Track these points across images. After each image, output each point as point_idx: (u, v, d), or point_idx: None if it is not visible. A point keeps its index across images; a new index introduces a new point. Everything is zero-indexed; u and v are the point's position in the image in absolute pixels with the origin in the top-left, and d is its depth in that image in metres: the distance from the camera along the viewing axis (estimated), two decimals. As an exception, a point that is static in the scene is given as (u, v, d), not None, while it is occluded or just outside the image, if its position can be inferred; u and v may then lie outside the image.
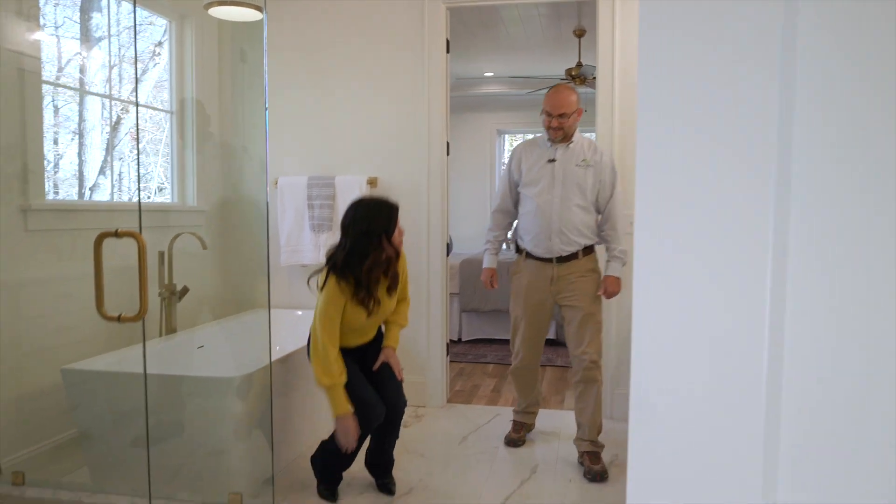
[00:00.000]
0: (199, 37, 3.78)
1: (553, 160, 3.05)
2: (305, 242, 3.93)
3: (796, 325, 0.60)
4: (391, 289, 2.69)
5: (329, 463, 2.74)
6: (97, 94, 3.46)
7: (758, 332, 0.61)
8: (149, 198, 3.93)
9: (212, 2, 3.08)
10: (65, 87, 3.31)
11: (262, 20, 3.22)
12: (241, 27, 3.81)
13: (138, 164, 3.28)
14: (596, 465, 2.99)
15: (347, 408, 2.51)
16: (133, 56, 3.44)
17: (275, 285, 4.04)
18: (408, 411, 3.47)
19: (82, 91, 3.38)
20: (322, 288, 2.58)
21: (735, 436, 0.63)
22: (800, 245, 0.60)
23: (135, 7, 3.19)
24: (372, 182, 3.89)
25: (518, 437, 3.37)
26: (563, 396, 4.28)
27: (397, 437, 2.85)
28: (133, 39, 3.47)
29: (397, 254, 2.63)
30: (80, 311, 2.93)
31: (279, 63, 3.95)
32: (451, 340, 4.97)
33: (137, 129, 3.67)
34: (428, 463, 3.13)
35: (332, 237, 3.90)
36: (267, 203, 3.50)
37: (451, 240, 5.49)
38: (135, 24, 3.57)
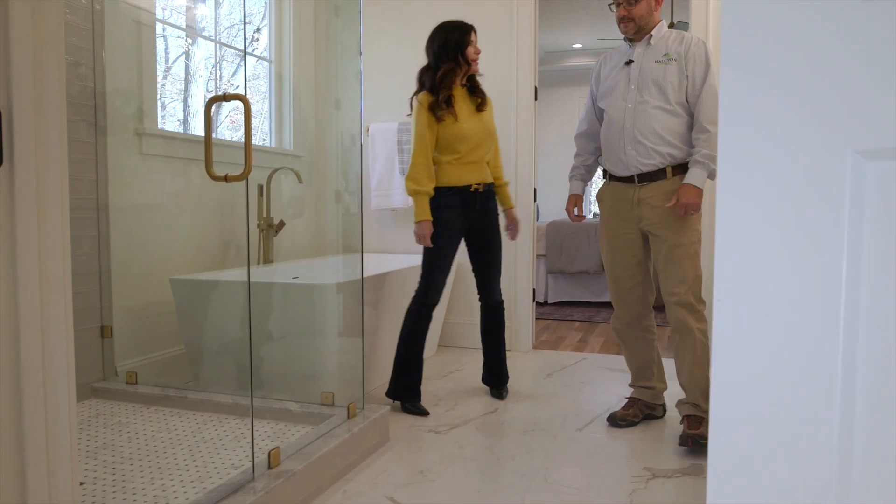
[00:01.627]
0: (296, -12, 3.95)
1: (630, 61, 2.58)
2: (395, 186, 4.02)
3: (871, 309, 0.61)
4: (481, 107, 2.84)
5: (401, 369, 2.82)
6: (206, 38, 3.67)
7: (833, 315, 0.62)
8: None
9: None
10: (174, 26, 3.53)
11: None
12: (336, -21, 3.95)
13: (244, 66, 3.42)
14: (693, 430, 2.42)
15: (426, 216, 2.73)
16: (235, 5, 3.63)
17: (364, 230, 4.15)
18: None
19: (191, 32, 3.60)
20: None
21: (810, 415, 0.63)
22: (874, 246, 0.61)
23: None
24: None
25: (624, 413, 2.71)
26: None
27: (503, 340, 3.04)
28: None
29: (469, 68, 2.81)
30: (186, 234, 3.12)
31: (371, 11, 4.07)
32: (536, 302, 4.95)
33: (245, 70, 3.87)
34: (513, 393, 3.14)
35: (421, 181, 3.97)
36: (361, 147, 3.59)
37: (538, 209, 5.47)
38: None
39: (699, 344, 2.47)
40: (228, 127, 4.03)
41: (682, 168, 2.51)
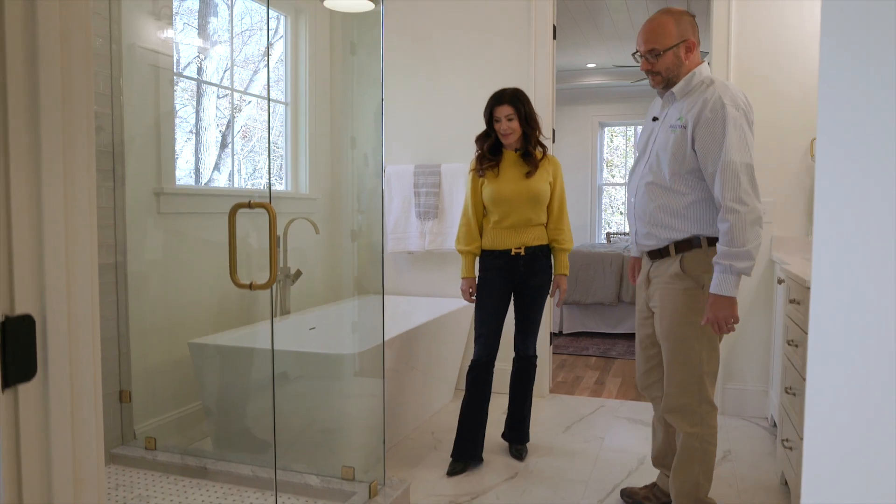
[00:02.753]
0: (312, 30, 3.92)
1: (656, 118, 2.28)
2: (412, 230, 4.00)
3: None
4: (531, 174, 2.83)
5: (463, 424, 2.89)
6: (218, 86, 3.65)
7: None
8: (256, 169, 4.15)
9: (327, -6, 3.19)
10: (199, 80, 3.51)
11: (373, 11, 3.30)
12: (352, 19, 3.92)
13: (269, 152, 3.42)
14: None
15: (468, 273, 2.93)
16: (249, 51, 3.61)
17: (380, 270, 4.13)
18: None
19: (204, 83, 3.58)
20: None
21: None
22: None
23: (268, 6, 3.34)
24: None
25: (635, 491, 2.59)
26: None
27: (530, 397, 3.07)
28: (266, 36, 3.64)
29: (494, 134, 2.86)
30: (205, 289, 3.11)
31: (386, 51, 4.04)
32: (552, 333, 4.92)
33: (269, 123, 3.85)
34: (532, 448, 3.11)
35: (438, 224, 3.95)
36: (382, 191, 3.57)
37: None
38: (268, 22, 3.74)
39: (685, 448, 2.22)
40: (241, 146, 4.02)
41: (686, 244, 2.17)
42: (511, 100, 2.80)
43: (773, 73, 3.45)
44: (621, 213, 9.01)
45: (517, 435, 3.06)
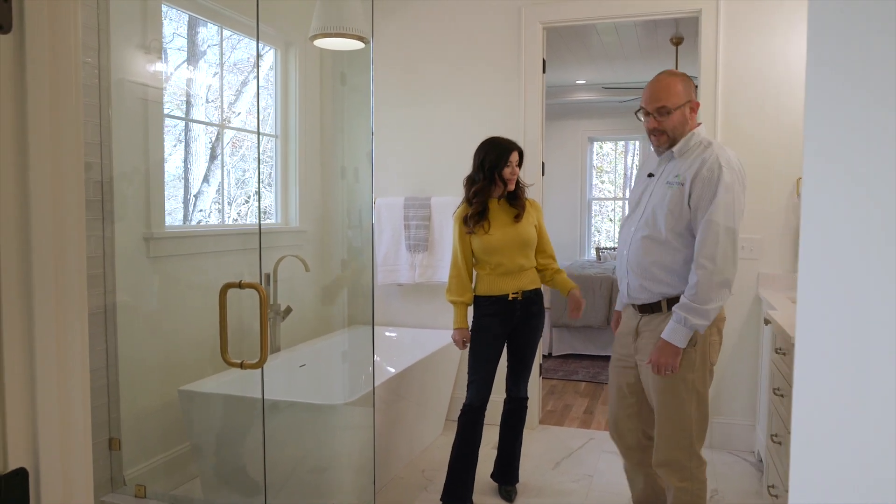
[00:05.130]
0: (302, 63, 3.92)
1: (652, 175, 2.33)
2: (402, 262, 4.01)
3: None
4: (519, 217, 2.86)
5: (453, 468, 2.88)
6: (208, 123, 3.65)
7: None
8: (247, 201, 4.14)
9: (317, 34, 3.18)
10: (186, 119, 3.51)
11: (363, 50, 3.30)
12: (341, 54, 3.93)
13: (259, 199, 3.42)
14: None
15: (460, 324, 2.90)
16: (234, 80, 3.61)
17: (370, 303, 4.14)
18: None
19: (191, 120, 3.58)
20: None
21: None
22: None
23: (257, 42, 3.34)
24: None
25: None
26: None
27: (520, 438, 3.07)
28: (256, 70, 3.64)
29: (504, 185, 2.83)
30: (194, 331, 3.10)
31: (376, 84, 4.05)
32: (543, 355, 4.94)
33: (259, 159, 3.84)
34: (521, 488, 3.13)
35: (428, 257, 3.96)
36: (372, 225, 3.58)
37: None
38: (257, 59, 3.74)
39: (676, 502, 2.26)
40: (231, 153, 4.02)
41: (678, 300, 2.19)
42: (517, 146, 2.88)
43: (761, 109, 3.49)
44: (611, 220, 9.04)
45: (507, 476, 3.08)
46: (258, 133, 3.81)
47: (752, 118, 3.50)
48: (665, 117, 2.20)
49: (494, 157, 2.82)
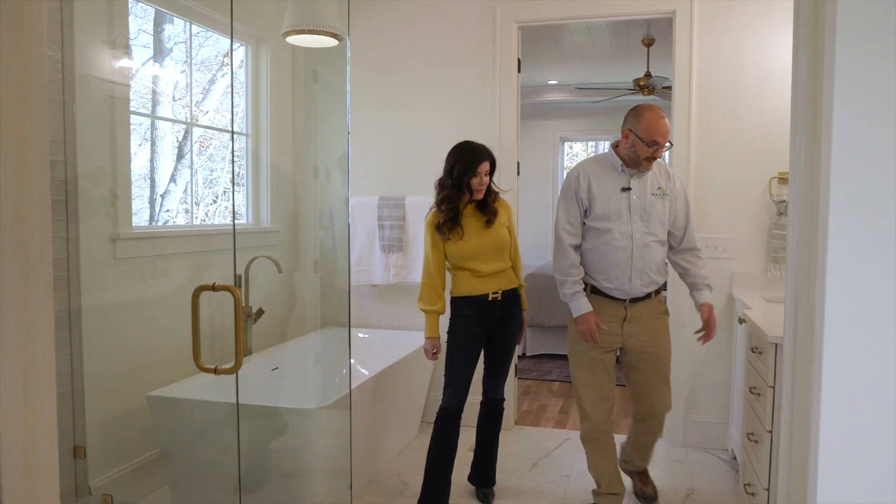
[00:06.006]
0: (273, 60, 3.85)
1: (628, 188, 2.68)
2: (376, 263, 3.96)
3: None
4: (490, 222, 2.82)
5: (430, 471, 2.84)
6: (174, 121, 3.56)
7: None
8: (214, 201, 4.05)
9: (290, 31, 3.11)
10: (153, 116, 3.41)
11: (337, 47, 3.25)
12: (314, 51, 3.86)
13: (233, 198, 3.35)
14: (648, 487, 3.01)
15: (433, 333, 2.85)
16: (206, 81, 3.53)
17: (344, 304, 4.08)
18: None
19: (157, 118, 3.48)
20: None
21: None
22: None
23: (231, 39, 3.26)
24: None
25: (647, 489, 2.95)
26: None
27: (497, 440, 3.05)
28: (231, 72, 3.55)
29: (471, 194, 2.78)
30: (163, 332, 3.02)
31: (350, 82, 3.99)
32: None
33: (232, 158, 3.76)
34: (499, 490, 3.10)
35: (403, 258, 3.92)
36: (349, 225, 3.53)
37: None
38: (231, 56, 3.66)
39: (661, 428, 2.90)
40: (198, 152, 3.93)
41: (661, 288, 2.81)
42: (489, 155, 2.81)
43: (734, 110, 3.52)
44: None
45: (484, 478, 3.05)
46: (231, 132, 3.74)
47: (726, 119, 3.53)
48: (664, 149, 2.68)
49: (464, 167, 2.75)
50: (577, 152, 9.29)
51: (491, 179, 2.85)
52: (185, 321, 2.96)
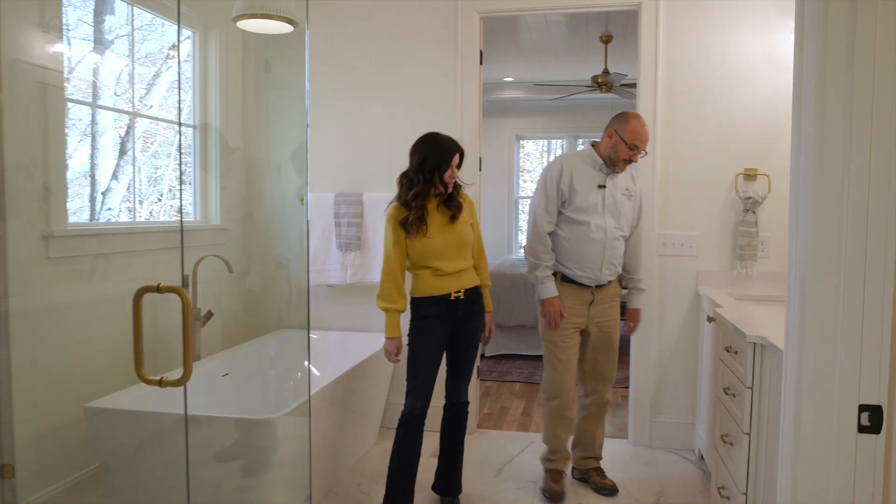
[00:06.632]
0: (223, 48, 3.64)
1: (603, 186, 2.92)
2: (332, 261, 3.78)
3: None
4: (455, 217, 2.71)
5: (393, 480, 2.72)
6: (123, 111, 3.32)
7: None
8: (159, 199, 3.81)
9: (241, 15, 2.92)
10: (94, 105, 3.16)
11: (290, 33, 3.07)
12: (266, 38, 3.66)
13: (181, 193, 3.13)
14: (607, 480, 3.08)
15: (395, 333, 2.70)
16: (146, 61, 3.30)
17: (299, 305, 3.89)
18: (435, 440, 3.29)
19: (97, 106, 3.24)
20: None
21: None
22: None
23: (179, 24, 3.04)
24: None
25: (560, 489, 3.01)
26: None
27: (462, 446, 2.92)
28: (177, 57, 3.33)
29: (445, 189, 2.68)
30: (102, 338, 2.79)
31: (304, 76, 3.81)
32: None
33: (181, 156, 3.53)
34: (465, 499, 2.97)
35: (360, 256, 3.76)
36: (308, 221, 3.36)
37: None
38: (178, 43, 3.43)
39: (605, 408, 3.13)
40: (142, 149, 3.69)
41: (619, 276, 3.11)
42: (459, 146, 2.71)
43: (699, 107, 3.47)
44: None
45: (450, 487, 2.92)
46: (178, 123, 3.51)
47: (691, 115, 3.47)
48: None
49: (437, 159, 2.63)
50: (528, 151, 9.25)
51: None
52: (125, 326, 2.75)
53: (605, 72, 5.91)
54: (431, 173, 2.63)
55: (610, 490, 3.02)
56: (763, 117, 3.40)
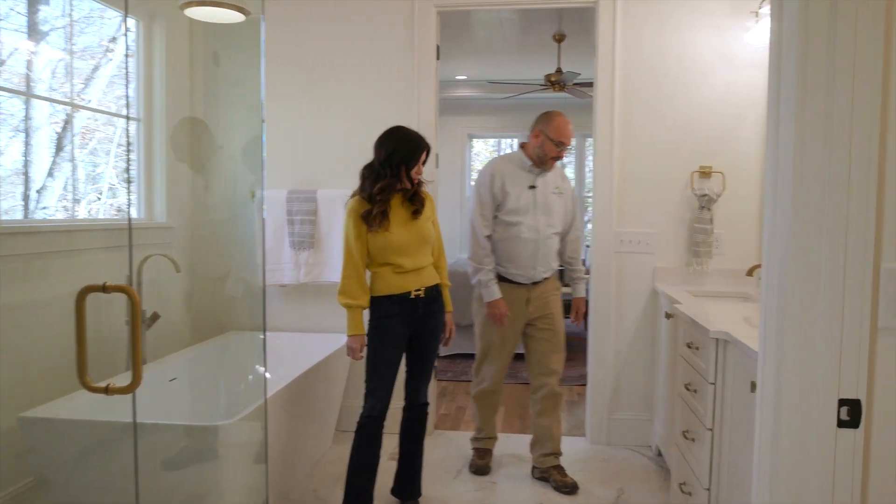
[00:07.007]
0: (169, 38, 3.47)
1: (534, 186, 3.05)
2: (285, 261, 3.66)
3: None
4: (417, 213, 2.66)
5: (352, 485, 2.64)
6: (51, 100, 3.13)
7: None
8: (98, 198, 3.63)
9: (190, 1, 2.78)
10: (28, 94, 2.97)
11: (242, 23, 2.94)
12: (215, 29, 3.51)
13: (128, 182, 2.97)
14: (567, 478, 3.06)
15: (358, 330, 2.60)
16: (83, 53, 3.12)
17: (249, 306, 3.75)
18: (392, 443, 3.20)
19: (31, 96, 3.05)
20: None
21: None
22: None
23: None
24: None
25: (485, 463, 3.25)
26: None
27: (422, 449, 2.87)
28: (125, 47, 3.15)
29: (412, 186, 2.64)
30: (38, 342, 2.62)
31: (256, 68, 3.67)
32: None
33: (128, 145, 3.35)
34: (424, 502, 2.90)
35: (315, 255, 3.65)
36: (263, 220, 3.24)
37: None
38: (125, 30, 3.25)
39: (560, 399, 3.16)
40: (80, 145, 3.49)
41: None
42: (427, 144, 2.67)
43: (655, 107, 3.48)
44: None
45: (409, 490, 2.85)
46: (127, 115, 3.34)
47: (648, 114, 3.49)
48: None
49: (406, 153, 2.57)
50: (478, 151, 9.25)
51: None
52: (64, 329, 2.58)
53: (559, 71, 5.92)
54: (398, 168, 2.57)
55: (571, 488, 3.01)
56: (718, 115, 3.44)
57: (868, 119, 1.19)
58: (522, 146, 3.09)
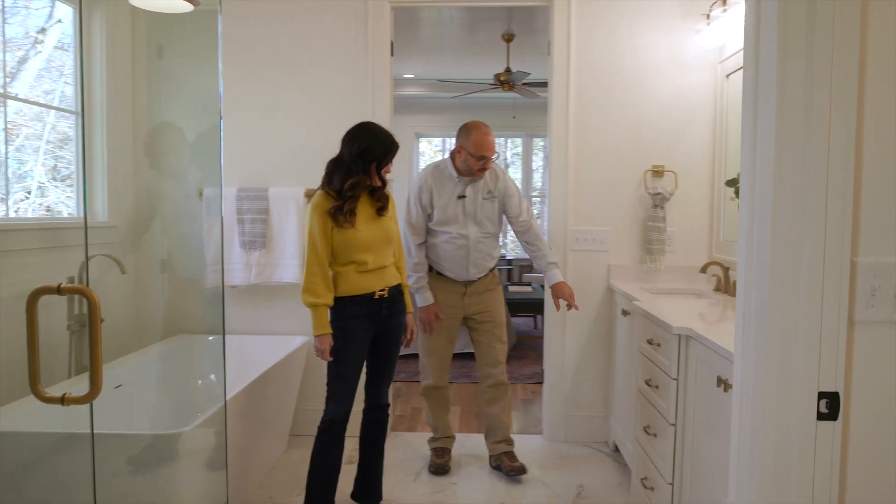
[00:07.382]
0: (111, 27, 3.31)
1: (463, 196, 3.09)
2: (235, 261, 3.54)
3: None
4: (382, 210, 2.63)
5: (313, 491, 2.58)
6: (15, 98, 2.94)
7: None
8: (27, 197, 3.43)
9: (135, -11, 2.65)
10: (-54, 81, 2.77)
11: (190, 13, 2.82)
12: (159, 19, 3.36)
13: (84, 180, 2.80)
14: (515, 462, 3.13)
15: (325, 329, 2.52)
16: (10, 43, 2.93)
17: (198, 308, 3.62)
18: (350, 446, 3.13)
19: (-32, 87, 2.85)
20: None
21: None
22: None
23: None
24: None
25: (443, 462, 3.25)
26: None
27: (383, 450, 2.83)
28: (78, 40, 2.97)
29: (383, 184, 2.64)
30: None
31: (203, 62, 3.54)
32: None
33: (84, 140, 3.17)
34: (385, 506, 2.86)
35: (266, 255, 3.54)
36: (222, 219, 3.12)
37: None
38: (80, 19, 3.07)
39: (505, 391, 3.22)
40: (5, 141, 3.27)
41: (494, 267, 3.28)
42: (397, 143, 2.65)
43: (610, 105, 3.52)
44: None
45: (370, 494, 2.79)
46: (81, 111, 3.17)
47: (602, 113, 3.52)
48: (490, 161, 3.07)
49: (381, 152, 2.55)
50: (422, 150, 9.23)
51: None
52: (6, 334, 2.42)
53: (508, 70, 5.94)
54: (369, 164, 2.52)
55: (518, 470, 3.10)
56: (669, 116, 3.50)
57: (845, 117, 1.20)
58: (452, 156, 3.11)
